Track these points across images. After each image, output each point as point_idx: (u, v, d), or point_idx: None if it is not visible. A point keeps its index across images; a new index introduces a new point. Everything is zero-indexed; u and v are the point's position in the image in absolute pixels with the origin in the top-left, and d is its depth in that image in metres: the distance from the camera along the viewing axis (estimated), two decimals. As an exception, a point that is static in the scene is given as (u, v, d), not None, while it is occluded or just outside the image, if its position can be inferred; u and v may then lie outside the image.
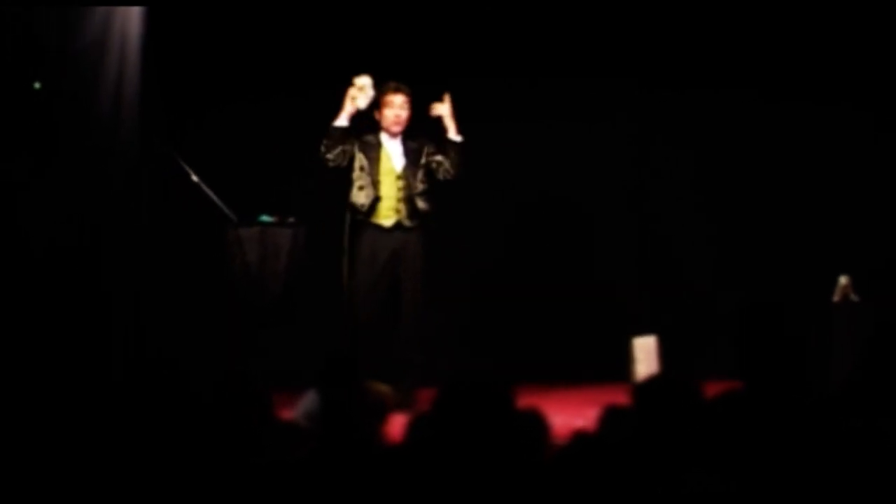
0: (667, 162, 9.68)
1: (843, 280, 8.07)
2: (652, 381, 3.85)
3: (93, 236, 8.23)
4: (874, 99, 9.37)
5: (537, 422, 3.86)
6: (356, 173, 8.03)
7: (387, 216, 8.01)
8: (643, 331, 8.46)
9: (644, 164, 9.71)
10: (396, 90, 8.10)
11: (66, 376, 7.16)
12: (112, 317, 8.25)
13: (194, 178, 8.19)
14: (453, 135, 8.12)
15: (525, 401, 3.82)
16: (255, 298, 8.09)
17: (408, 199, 8.01)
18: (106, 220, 8.28)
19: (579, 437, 3.70)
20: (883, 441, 3.67)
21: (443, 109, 8.13)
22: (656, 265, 9.68)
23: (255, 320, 8.09)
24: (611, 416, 3.87)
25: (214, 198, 8.15)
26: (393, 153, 8.10)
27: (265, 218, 8.25)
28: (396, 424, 4.14)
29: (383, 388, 4.50)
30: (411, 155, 8.11)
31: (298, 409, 5.05)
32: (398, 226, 8.02)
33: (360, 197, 7.99)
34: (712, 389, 4.00)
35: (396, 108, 8.08)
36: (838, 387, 6.27)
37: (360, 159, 8.05)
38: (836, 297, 8.08)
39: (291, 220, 8.25)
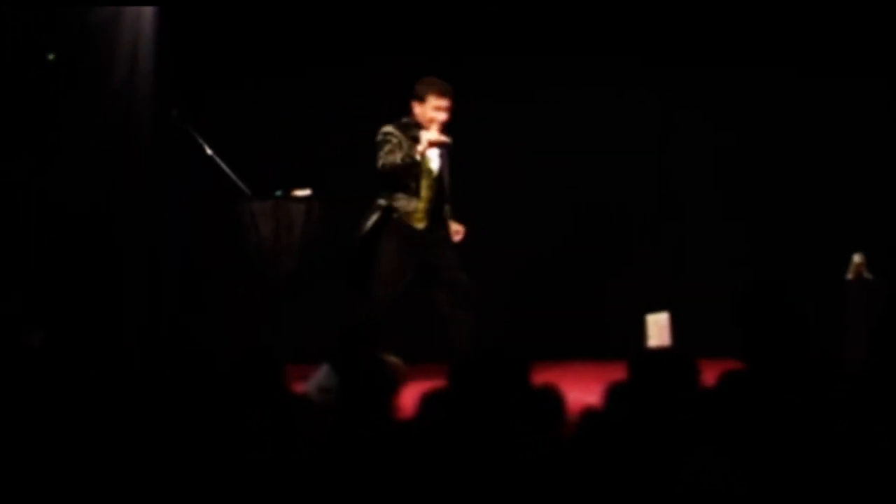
0: (683, 140, 9.66)
1: (856, 258, 8.05)
2: (648, 356, 3.83)
3: (108, 207, 8.25)
4: (889, 75, 9.34)
5: (554, 398, 3.86)
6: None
7: (419, 220, 7.74)
8: (657, 307, 8.43)
9: (661, 143, 9.68)
10: (444, 93, 7.68)
11: (79, 345, 7.18)
12: (127, 288, 8.28)
13: (209, 151, 8.18)
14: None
15: (539, 377, 3.82)
16: (269, 273, 8.09)
17: (439, 201, 7.80)
18: (121, 191, 8.30)
19: (588, 413, 3.70)
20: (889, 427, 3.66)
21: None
22: (672, 242, 9.67)
23: (269, 294, 8.09)
24: (615, 393, 3.86)
25: (228, 171, 8.14)
26: (431, 153, 7.73)
27: (279, 193, 8.23)
28: (408, 398, 4.14)
29: (395, 360, 4.50)
30: (444, 156, 7.76)
31: (311, 382, 5.06)
32: (429, 230, 7.78)
33: (400, 198, 7.71)
34: (724, 367, 3.99)
35: (443, 113, 7.66)
36: (852, 366, 6.26)
37: (406, 153, 7.67)
38: (849, 275, 8.07)
39: (305, 194, 8.23)
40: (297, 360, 5.61)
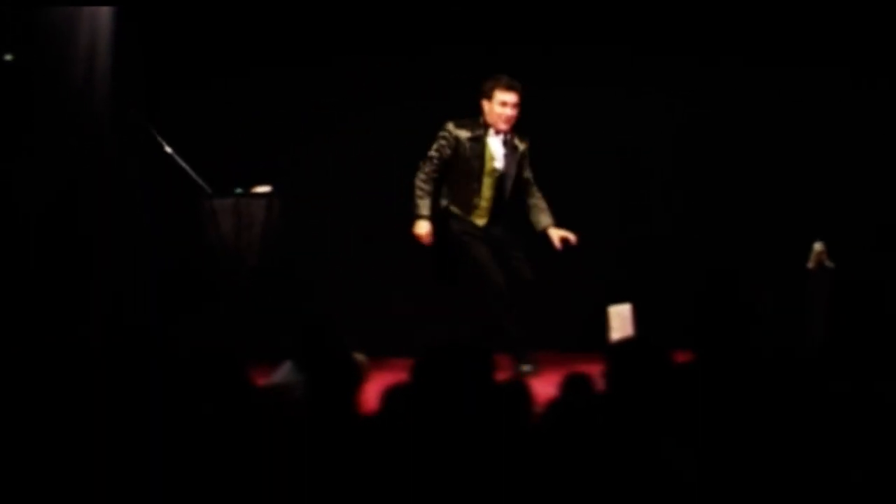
0: (644, 129, 9.66)
1: (817, 246, 8.08)
2: (626, 344, 3.85)
3: (67, 207, 8.21)
4: (849, 64, 9.38)
5: (519, 390, 3.87)
6: (456, 165, 7.80)
7: (480, 216, 7.85)
8: (619, 299, 8.46)
9: (623, 133, 9.68)
10: (510, 87, 7.69)
11: (42, 345, 7.14)
12: (88, 288, 8.23)
13: (168, 149, 8.16)
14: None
15: (502, 370, 3.83)
16: (230, 270, 8.07)
17: (500, 200, 7.87)
18: (80, 191, 8.26)
19: (553, 405, 3.71)
20: (848, 407, 3.68)
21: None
22: (634, 233, 9.68)
23: (229, 291, 8.07)
24: (572, 383, 3.89)
25: (188, 169, 8.12)
26: (496, 152, 7.82)
27: (239, 190, 8.22)
28: (371, 393, 4.14)
29: (358, 356, 4.51)
30: (511, 156, 7.84)
31: (273, 379, 5.06)
32: (489, 227, 7.87)
33: (454, 195, 7.81)
34: (685, 358, 4.01)
35: (509, 108, 7.71)
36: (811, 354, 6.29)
37: (464, 152, 7.77)
38: (810, 264, 8.10)
39: (266, 190, 8.21)
40: (258, 358, 5.60)
